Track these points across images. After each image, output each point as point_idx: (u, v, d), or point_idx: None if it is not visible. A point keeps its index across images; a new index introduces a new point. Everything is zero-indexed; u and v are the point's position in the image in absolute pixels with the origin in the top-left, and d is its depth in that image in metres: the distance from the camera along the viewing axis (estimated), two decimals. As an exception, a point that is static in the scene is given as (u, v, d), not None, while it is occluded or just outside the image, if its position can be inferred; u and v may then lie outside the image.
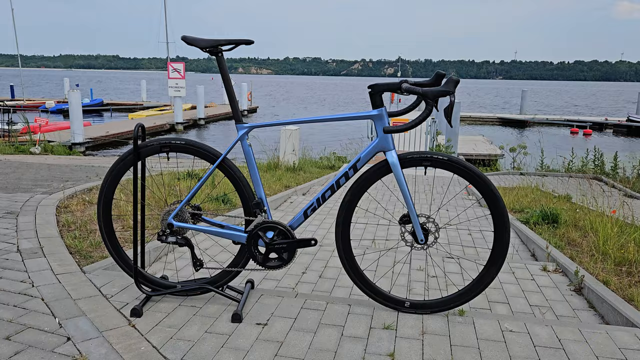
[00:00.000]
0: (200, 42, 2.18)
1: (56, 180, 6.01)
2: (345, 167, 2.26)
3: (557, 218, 4.83)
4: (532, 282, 3.20)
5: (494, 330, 2.24)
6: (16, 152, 14.72)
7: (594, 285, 2.94)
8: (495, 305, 2.81)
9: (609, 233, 3.94)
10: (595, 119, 34.95)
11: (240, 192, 2.31)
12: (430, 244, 2.31)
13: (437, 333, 2.20)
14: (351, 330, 2.21)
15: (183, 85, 25.75)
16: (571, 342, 2.17)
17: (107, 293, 2.47)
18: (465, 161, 2.22)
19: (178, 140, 2.28)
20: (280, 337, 2.13)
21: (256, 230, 2.28)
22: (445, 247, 4.09)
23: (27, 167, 7.90)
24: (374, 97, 2.17)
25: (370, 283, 2.37)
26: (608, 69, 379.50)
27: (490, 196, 2.20)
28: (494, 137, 23.48)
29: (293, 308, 2.40)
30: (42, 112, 32.10)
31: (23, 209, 3.98)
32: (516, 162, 13.27)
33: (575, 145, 24.22)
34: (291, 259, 2.31)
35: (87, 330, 2.08)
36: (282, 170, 9.26)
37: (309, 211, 2.31)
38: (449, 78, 1.97)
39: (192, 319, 2.26)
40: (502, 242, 2.24)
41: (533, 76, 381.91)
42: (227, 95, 2.27)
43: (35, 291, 2.42)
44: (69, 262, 2.85)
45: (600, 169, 11.34)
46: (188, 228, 2.33)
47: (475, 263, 3.47)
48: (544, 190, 7.94)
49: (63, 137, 18.82)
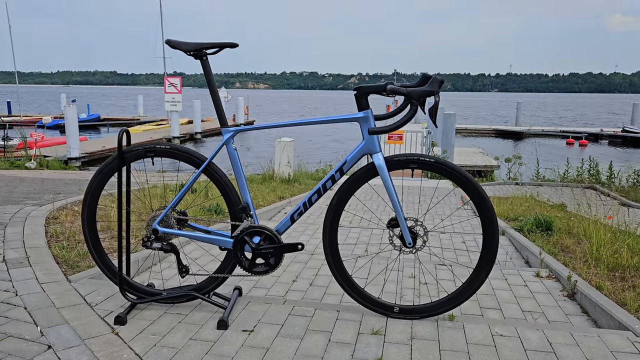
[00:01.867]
0: (184, 45, 2.17)
1: (48, 193, 5.97)
2: (332, 171, 2.24)
3: (550, 225, 4.81)
4: (525, 288, 3.17)
5: (484, 335, 2.21)
6: (11, 167, 14.68)
7: (586, 290, 2.92)
8: (487, 311, 2.78)
9: (602, 239, 3.92)
10: (590, 130, 35.10)
11: (226, 197, 2.28)
12: (419, 248, 2.28)
13: (426, 338, 2.17)
14: (339, 336, 2.17)
15: (179, 99, 25.78)
16: (562, 345, 2.13)
17: (91, 301, 2.43)
18: (452, 163, 2.20)
19: (163, 145, 2.27)
20: (266, 343, 2.09)
21: (242, 235, 2.25)
22: (438, 253, 4.06)
23: (20, 181, 7.86)
24: (359, 99, 2.15)
25: (358, 288, 2.34)
26: (602, 81, 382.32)
27: (478, 199, 2.18)
28: (490, 149, 23.55)
29: (280, 314, 2.36)
30: (39, 128, 32.07)
31: (12, 220, 3.94)
32: (512, 173, 13.28)
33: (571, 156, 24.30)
34: (278, 264, 2.28)
35: (68, 338, 2.04)
36: (276, 182, 9.24)
37: (295, 215, 2.29)
38: (433, 78, 1.97)
39: (177, 326, 2.22)
40: (491, 245, 2.22)
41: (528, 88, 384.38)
42: (212, 99, 2.25)
43: (19, 300, 2.38)
44: (55, 271, 2.81)
45: (596, 179, 11.34)
46: (173, 234, 2.30)
47: (468, 269, 3.44)
48: (538, 199, 7.93)
49: (59, 152, 18.77)
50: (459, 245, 4.45)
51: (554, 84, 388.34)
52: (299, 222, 5.22)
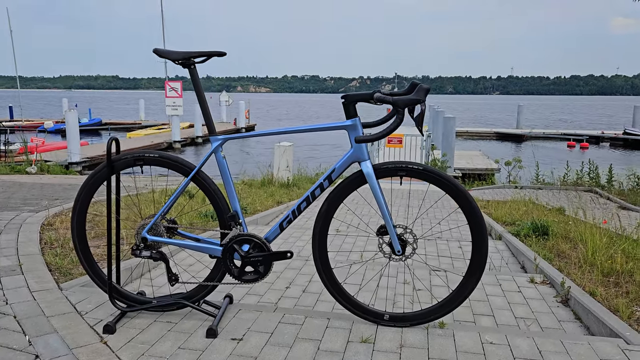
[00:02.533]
0: (172, 54, 2.18)
1: (46, 198, 5.98)
2: (320, 179, 2.24)
3: (547, 230, 4.80)
4: (519, 294, 3.15)
5: (473, 343, 2.20)
6: (12, 172, 14.72)
7: (580, 296, 2.90)
8: (480, 317, 2.77)
9: (597, 244, 3.91)
10: (591, 133, 35.06)
11: (215, 205, 2.28)
12: (408, 255, 2.27)
13: (415, 346, 2.16)
14: (328, 344, 2.16)
15: (180, 103, 25.85)
16: (552, 353, 2.12)
17: (81, 310, 2.42)
18: (441, 171, 2.20)
19: (152, 154, 2.27)
20: (254, 352, 2.08)
21: (231, 243, 2.25)
22: (433, 259, 4.05)
23: (19, 187, 7.87)
24: (347, 107, 2.16)
25: (348, 295, 2.33)
26: (604, 83, 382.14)
27: (467, 207, 2.17)
28: (491, 152, 23.50)
29: (270, 322, 2.36)
30: (40, 132, 32.19)
31: (7, 227, 3.94)
32: (512, 176, 13.27)
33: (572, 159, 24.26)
34: (267, 272, 2.27)
35: (56, 347, 2.04)
36: (275, 186, 9.24)
37: (284, 223, 2.28)
38: (419, 86, 1.97)
39: (166, 334, 2.22)
40: (481, 252, 2.21)
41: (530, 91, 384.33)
42: (200, 106, 2.26)
43: (8, 309, 2.38)
44: (46, 279, 2.81)
45: (596, 182, 11.32)
46: (162, 242, 2.30)
47: (461, 275, 3.42)
48: (537, 202, 7.91)
49: (60, 157, 18.82)
50: (455, 250, 4.44)
51: (555, 87, 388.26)
52: (295, 228, 5.21)
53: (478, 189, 11.31)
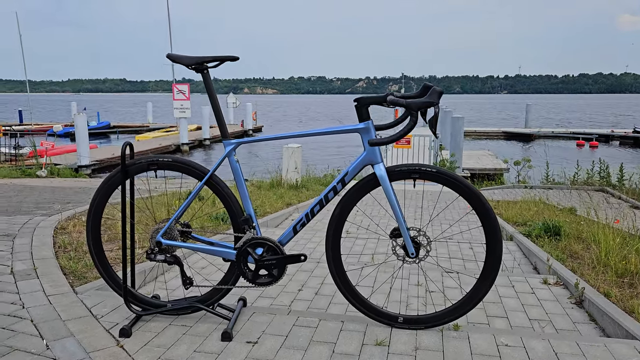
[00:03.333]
0: (185, 59, 2.19)
1: (58, 202, 6.03)
2: (334, 182, 2.25)
3: (559, 230, 4.77)
4: (532, 295, 3.14)
5: (488, 345, 2.19)
6: (23, 176, 14.85)
7: (594, 297, 2.89)
8: (494, 319, 2.76)
9: (610, 245, 3.88)
10: (601, 131, 34.79)
11: (229, 209, 2.29)
12: (422, 258, 2.27)
13: (430, 349, 2.16)
14: (343, 347, 2.17)
15: (188, 106, 25.99)
16: (568, 355, 2.11)
17: (97, 313, 2.44)
18: (454, 173, 2.20)
19: (166, 158, 2.28)
20: (269, 355, 2.09)
21: (245, 246, 2.26)
22: (445, 261, 4.04)
23: (30, 190, 7.95)
24: (360, 110, 2.16)
25: (362, 298, 2.33)
26: (613, 81, 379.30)
27: (480, 208, 2.17)
28: (499, 152, 23.40)
29: (285, 325, 2.36)
30: (50, 136, 32.45)
31: (20, 231, 3.98)
32: (521, 176, 13.20)
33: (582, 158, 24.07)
34: (281, 276, 2.28)
35: (74, 351, 2.06)
36: (284, 188, 9.25)
37: (298, 226, 2.29)
38: (432, 89, 1.97)
39: (181, 338, 2.23)
40: (495, 254, 2.21)
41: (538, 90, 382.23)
42: (214, 111, 2.27)
43: (25, 313, 2.40)
44: (61, 283, 2.84)
45: (606, 181, 11.23)
46: (176, 246, 2.31)
47: (474, 277, 3.41)
48: (548, 203, 7.86)
49: (69, 160, 18.98)
50: (466, 252, 4.43)
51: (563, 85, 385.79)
52: (306, 230, 5.22)
53: (487, 189, 11.26)
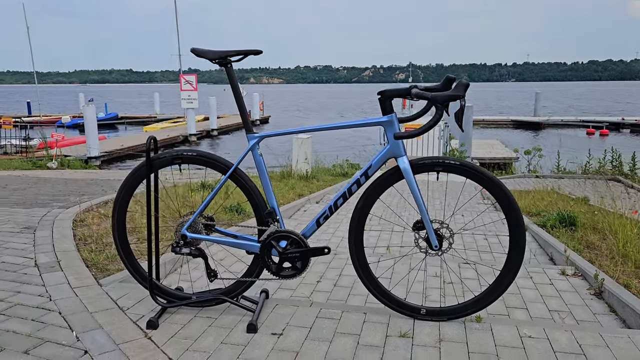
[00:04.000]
0: (209, 53, 2.20)
1: (73, 194, 6.08)
2: (357, 175, 2.25)
3: (574, 221, 4.76)
4: (551, 286, 3.14)
5: (512, 337, 2.21)
6: (34, 168, 14.97)
7: (614, 288, 2.89)
8: (514, 310, 2.77)
9: (629, 235, 3.87)
10: (611, 119, 34.48)
11: (253, 202, 2.31)
12: (444, 250, 2.28)
13: (454, 340, 2.17)
14: (367, 338, 2.19)
15: (195, 97, 26.01)
16: (592, 347, 2.12)
17: (123, 305, 2.48)
18: (478, 166, 2.20)
19: (190, 152, 2.30)
20: (295, 347, 2.12)
21: (269, 239, 2.28)
22: (462, 252, 4.05)
23: (44, 182, 8.02)
24: (383, 103, 2.16)
25: (385, 290, 2.35)
26: (623, 68, 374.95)
27: (504, 200, 2.17)
28: (509, 140, 23.28)
29: (308, 317, 2.39)
30: (59, 127, 32.64)
31: (40, 224, 4.03)
32: (531, 165, 13.13)
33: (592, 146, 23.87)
34: (305, 268, 2.30)
35: (103, 343, 2.09)
36: (295, 179, 9.27)
37: (321, 219, 2.30)
38: (458, 82, 1.96)
39: (207, 329, 2.26)
40: (518, 246, 2.21)
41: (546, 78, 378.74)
42: (237, 105, 2.28)
43: (53, 305, 2.44)
44: (85, 275, 2.88)
45: (619, 170, 11.15)
46: (201, 239, 2.34)
47: (492, 268, 3.42)
48: (560, 192, 7.83)
49: (79, 152, 19.09)
50: (481, 242, 4.43)
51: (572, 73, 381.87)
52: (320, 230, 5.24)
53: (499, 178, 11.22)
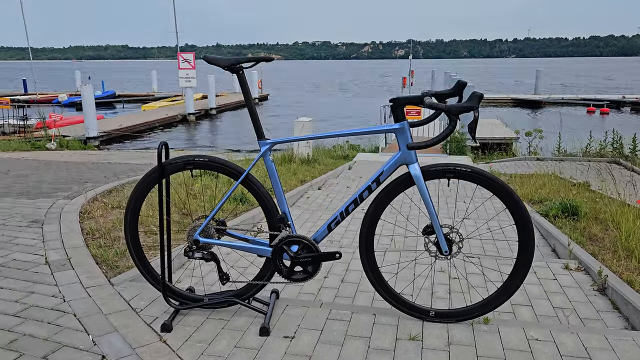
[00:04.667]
0: (221, 61, 2.19)
1: (75, 182, 6.09)
2: (368, 181, 2.27)
3: (577, 210, 4.79)
4: (555, 281, 3.19)
5: (519, 340, 2.26)
6: (32, 149, 14.94)
7: (618, 285, 2.93)
8: (519, 308, 2.82)
9: (631, 227, 3.90)
10: (612, 97, 34.33)
11: (264, 207, 2.33)
12: (454, 254, 2.31)
13: (462, 343, 2.22)
14: (377, 342, 2.23)
15: (194, 75, 25.81)
16: (598, 350, 2.17)
17: (136, 307, 2.52)
18: (488, 172, 2.21)
19: (201, 158, 2.31)
20: (308, 350, 2.16)
21: (281, 244, 2.30)
22: (469, 256, 4.09)
23: (45, 167, 8.02)
24: (395, 111, 2.16)
25: (395, 293, 2.39)
26: (625, 43, 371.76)
27: (514, 207, 2.19)
28: (509, 120, 23.21)
29: (318, 319, 2.43)
30: (56, 106, 32.40)
31: (47, 217, 4.05)
32: (532, 147, 13.14)
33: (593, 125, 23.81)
34: (316, 272, 2.34)
35: (120, 347, 2.14)
36: (296, 163, 9.28)
37: (332, 225, 2.33)
38: (472, 93, 1.96)
39: (220, 332, 2.30)
40: (527, 251, 2.24)
41: (547, 53, 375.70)
42: (249, 111, 2.28)
43: (67, 306, 2.48)
44: (96, 273, 2.91)
45: (619, 152, 11.17)
46: (214, 244, 2.36)
47: (500, 273, 3.46)
48: (562, 177, 7.87)
49: (78, 132, 19.03)
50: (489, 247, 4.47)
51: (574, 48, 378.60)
52: (325, 212, 5.27)
53: (499, 162, 11.24)
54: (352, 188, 7.24)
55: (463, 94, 2.23)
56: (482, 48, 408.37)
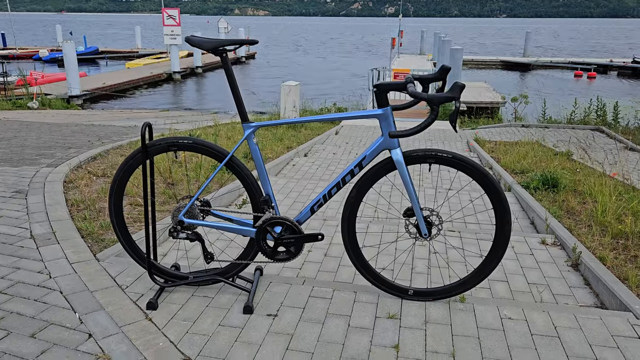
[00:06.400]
0: (204, 44, 2.16)
1: (59, 147, 6.02)
2: (351, 165, 2.30)
3: (557, 182, 4.89)
4: (531, 257, 3.30)
5: (493, 318, 2.36)
6: (14, 108, 14.63)
7: (590, 262, 3.04)
8: (495, 284, 2.92)
9: (607, 202, 4.01)
10: (599, 61, 34.32)
11: (249, 189, 2.36)
12: (434, 236, 2.38)
13: (439, 322, 2.32)
14: (357, 320, 2.32)
15: (179, 32, 25.18)
16: (566, 329, 2.28)
17: (122, 283, 2.57)
18: (469, 158, 2.25)
19: (185, 140, 2.31)
20: (290, 329, 2.24)
21: (264, 225, 2.34)
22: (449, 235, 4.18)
23: (27, 129, 7.90)
24: (379, 96, 2.17)
25: (375, 272, 2.46)
26: (615, 4, 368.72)
27: (494, 193, 2.25)
28: (497, 83, 23.18)
29: (301, 297, 2.50)
30: (37, 62, 31.53)
31: (31, 187, 4.03)
32: (518, 112, 13.20)
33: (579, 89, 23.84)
34: (298, 253, 2.39)
35: (106, 326, 2.19)
36: (283, 128, 9.23)
37: (315, 207, 2.37)
38: (454, 84, 1.97)
39: (205, 310, 2.37)
40: (503, 234, 2.31)
41: (538, 14, 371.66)
42: (233, 93, 2.27)
43: (53, 283, 2.52)
44: (82, 248, 2.94)
45: (603, 120, 11.29)
46: (198, 224, 2.39)
47: (478, 244, 3.55)
48: (544, 145, 7.97)
49: (60, 90, 18.60)
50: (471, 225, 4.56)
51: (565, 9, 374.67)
52: (308, 190, 5.31)
53: (484, 128, 11.30)
54: (338, 155, 7.26)
55: (447, 78, 2.24)
56: (473, 7, 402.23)
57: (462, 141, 9.09)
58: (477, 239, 3.53)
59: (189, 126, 9.11)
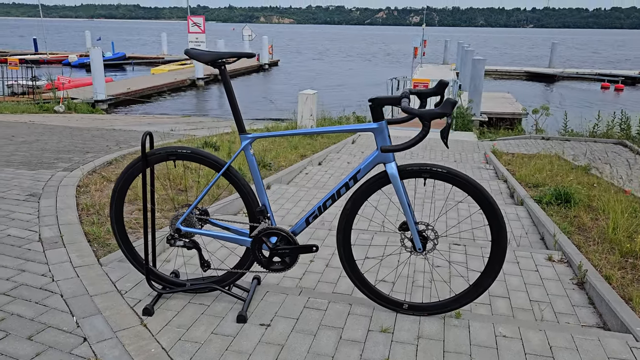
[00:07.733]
0: (203, 57, 2.20)
1: (77, 151, 6.17)
2: (346, 178, 2.31)
3: (570, 197, 4.80)
4: (536, 273, 3.24)
5: (487, 335, 2.33)
6: (40, 111, 15.05)
7: (595, 281, 2.98)
8: (496, 300, 2.88)
9: (619, 219, 3.92)
10: (627, 73, 33.61)
11: (245, 200, 2.38)
12: (429, 250, 2.37)
13: (432, 337, 2.30)
14: (350, 332, 2.32)
15: (203, 39, 25.51)
16: (562, 349, 2.24)
17: (121, 288, 2.61)
18: (463, 174, 2.24)
19: (184, 150, 2.35)
20: (281, 339, 2.25)
21: (260, 235, 2.37)
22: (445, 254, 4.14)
23: (50, 133, 8.11)
24: (374, 110, 2.18)
25: (370, 286, 2.46)
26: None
27: (488, 209, 2.23)
28: (521, 94, 22.88)
29: (296, 307, 2.51)
30: (65, 67, 32.35)
31: (45, 190, 4.14)
32: (539, 124, 13.01)
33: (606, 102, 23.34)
34: (294, 263, 2.40)
35: (102, 330, 2.24)
36: (299, 136, 9.28)
37: (310, 218, 2.38)
38: (446, 100, 1.97)
39: (199, 318, 2.39)
40: (499, 251, 2.29)
41: (566, 24, 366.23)
42: (230, 105, 2.30)
43: (55, 286, 2.58)
44: (87, 252, 3.01)
45: (626, 133, 11.03)
46: (195, 233, 2.43)
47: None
48: (564, 157, 7.84)
49: (86, 94, 19.06)
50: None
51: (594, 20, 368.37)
52: (317, 199, 5.32)
53: (504, 139, 11.17)
54: (353, 164, 7.27)
55: (444, 93, 2.24)
56: (499, 17, 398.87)
57: (480, 152, 9.00)
58: (483, 255, 3.49)
59: (207, 132, 9.22)
